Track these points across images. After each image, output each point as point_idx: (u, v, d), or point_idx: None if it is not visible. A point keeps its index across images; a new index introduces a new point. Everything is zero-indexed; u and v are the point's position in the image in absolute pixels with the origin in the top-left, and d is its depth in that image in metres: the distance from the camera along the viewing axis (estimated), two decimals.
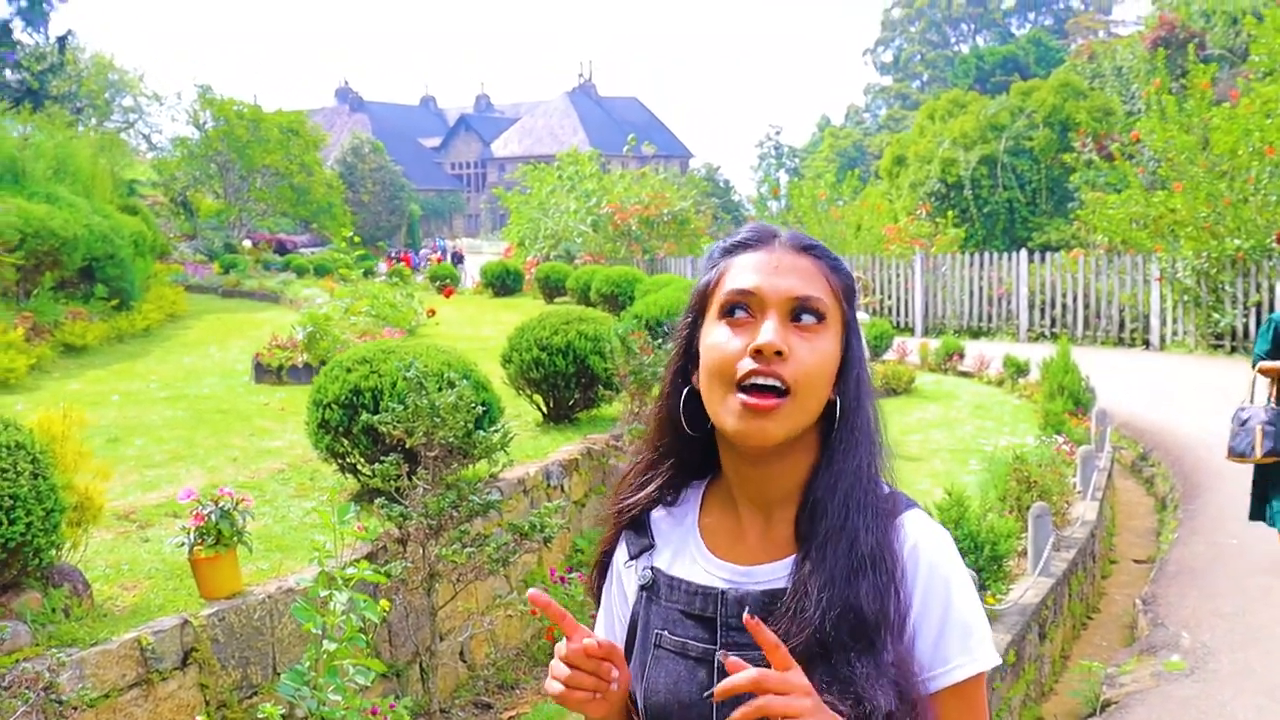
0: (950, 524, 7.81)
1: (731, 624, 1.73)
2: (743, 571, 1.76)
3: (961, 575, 1.74)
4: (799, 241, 1.78)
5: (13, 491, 4.93)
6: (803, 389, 1.67)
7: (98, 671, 4.98)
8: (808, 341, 1.69)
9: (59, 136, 21.88)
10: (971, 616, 1.71)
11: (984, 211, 34.80)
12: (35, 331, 15.62)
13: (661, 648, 1.79)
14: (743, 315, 1.71)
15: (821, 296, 1.72)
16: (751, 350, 1.66)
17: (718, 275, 1.77)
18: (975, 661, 1.69)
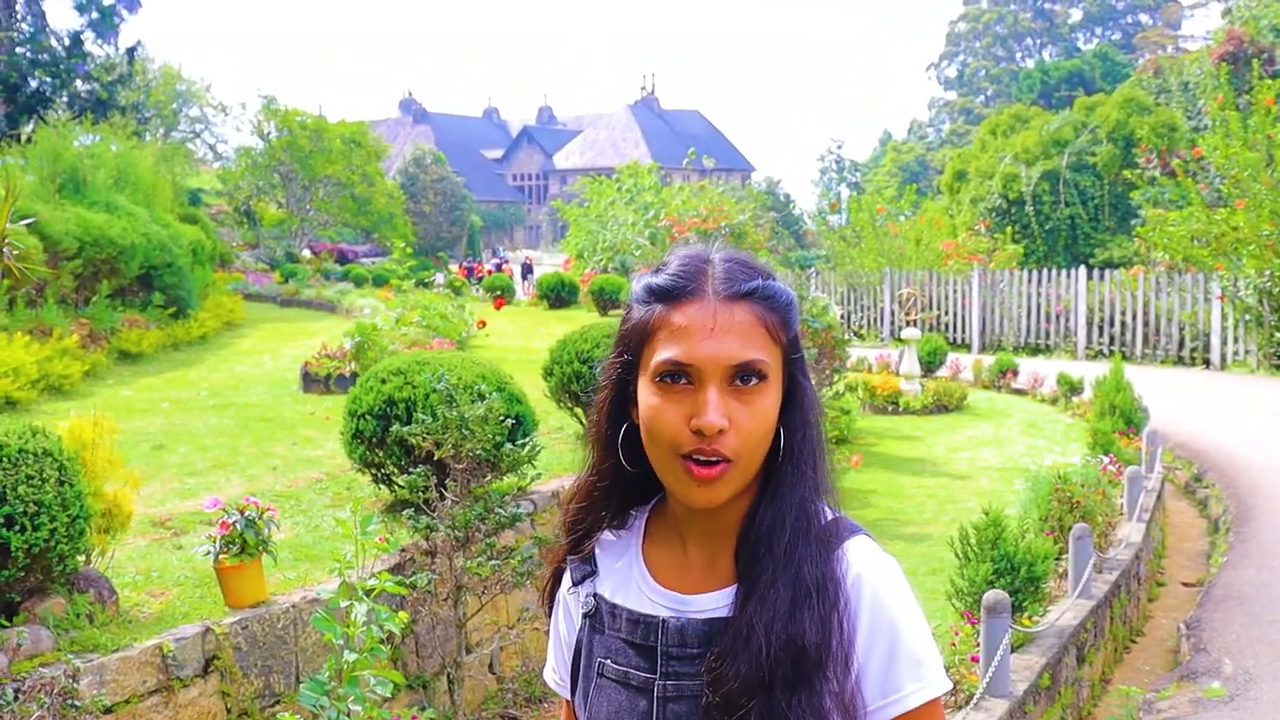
0: (986, 545, 7.73)
1: (672, 653, 1.70)
2: (684, 600, 1.73)
3: (908, 604, 1.70)
4: (734, 287, 1.65)
5: (38, 498, 4.98)
6: (745, 454, 1.63)
7: (118, 677, 5.01)
8: (749, 405, 1.62)
9: (122, 146, 22.16)
10: (920, 647, 1.67)
11: (1045, 228, 34.46)
12: (91, 338, 15.82)
13: (604, 676, 1.77)
14: (680, 383, 1.63)
15: (762, 356, 1.63)
16: (694, 428, 1.60)
17: (651, 325, 1.67)
18: (926, 689, 1.65)
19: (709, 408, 1.59)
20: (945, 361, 19.90)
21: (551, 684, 1.98)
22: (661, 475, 1.68)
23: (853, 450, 13.83)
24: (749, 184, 62.00)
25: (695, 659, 1.68)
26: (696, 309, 1.63)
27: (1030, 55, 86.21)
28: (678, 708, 1.69)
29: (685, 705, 1.68)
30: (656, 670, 1.71)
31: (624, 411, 1.75)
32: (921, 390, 17.48)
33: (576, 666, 1.84)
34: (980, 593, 7.21)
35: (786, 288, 1.70)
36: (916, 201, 35.75)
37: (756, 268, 1.70)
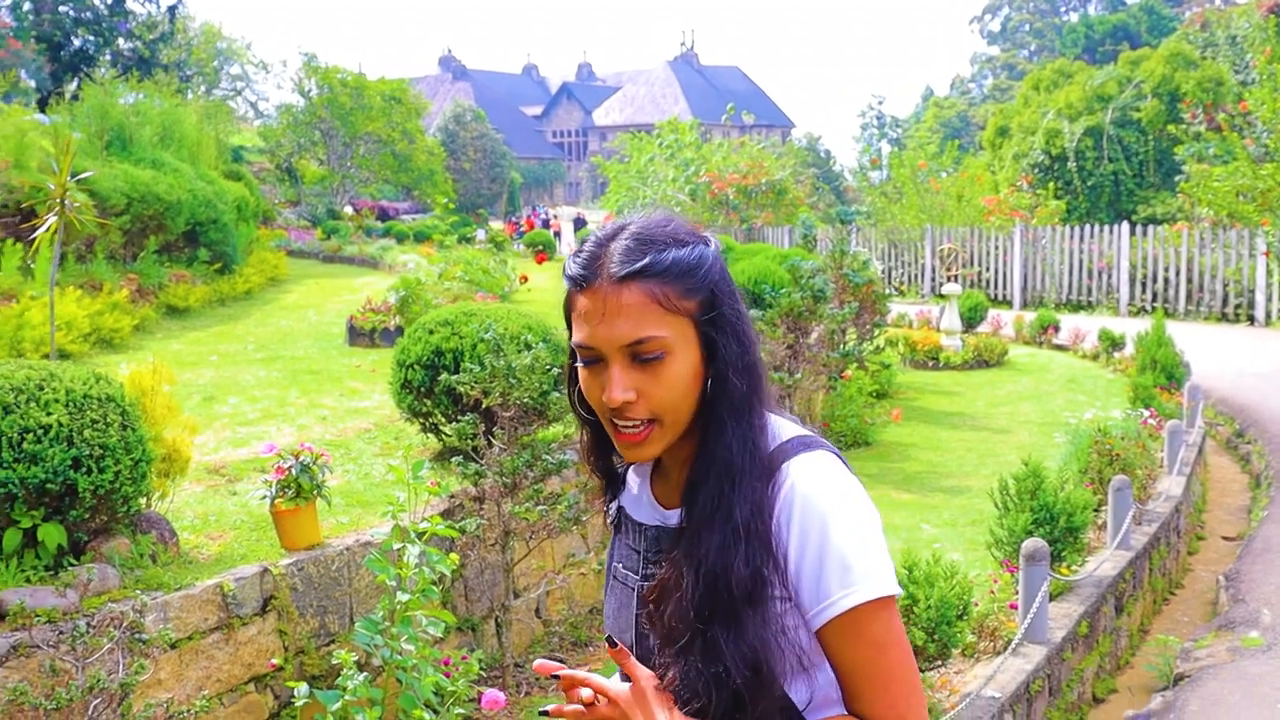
0: (1025, 495, 7.81)
1: (648, 557, 1.88)
2: (664, 513, 1.88)
3: (841, 510, 1.73)
4: (624, 268, 1.74)
5: (102, 441, 5.14)
6: (665, 415, 1.76)
7: (181, 615, 5.19)
8: (655, 376, 1.74)
9: (166, 104, 22.33)
10: (850, 550, 1.70)
11: (1088, 184, 34.20)
12: (140, 293, 16.04)
13: (614, 578, 1.97)
14: (594, 363, 1.77)
15: (655, 332, 1.73)
16: (604, 401, 1.75)
17: (567, 308, 1.83)
18: (853, 594, 1.68)
19: (611, 385, 1.74)
20: (986, 317, 19.89)
21: None
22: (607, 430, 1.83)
23: (893, 404, 13.90)
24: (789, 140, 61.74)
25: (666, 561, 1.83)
26: (591, 295, 1.75)
27: (1075, 9, 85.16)
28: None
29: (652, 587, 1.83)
30: (639, 571, 1.90)
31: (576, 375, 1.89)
32: (962, 346, 17.49)
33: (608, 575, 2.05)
34: (1019, 542, 7.30)
35: (688, 253, 1.76)
36: (958, 158, 35.54)
37: (656, 241, 1.76)
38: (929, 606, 5.99)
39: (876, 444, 12.58)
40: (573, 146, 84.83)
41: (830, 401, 12.55)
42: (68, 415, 5.10)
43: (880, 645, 1.71)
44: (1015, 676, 6.43)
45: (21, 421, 5.00)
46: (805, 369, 11.43)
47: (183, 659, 5.22)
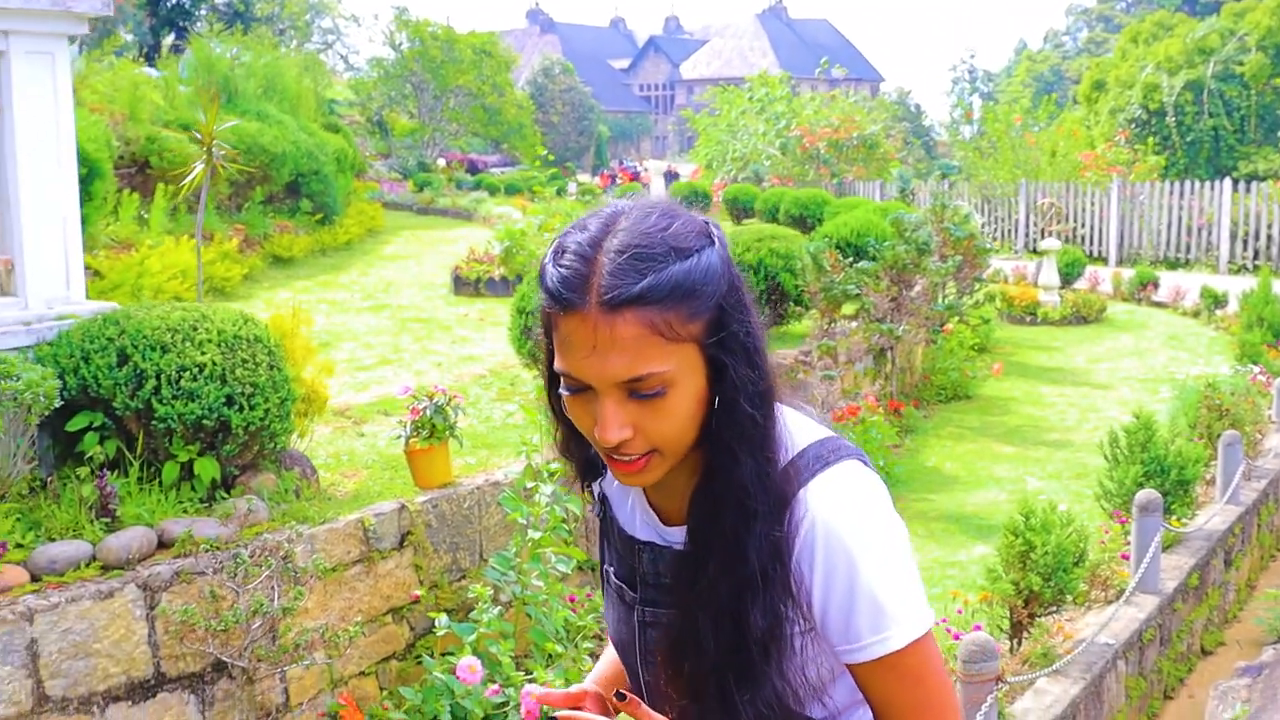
0: (1136, 448, 7.85)
1: (648, 580, 1.70)
2: (662, 530, 1.70)
3: (869, 543, 1.57)
4: (618, 294, 1.47)
5: (253, 380, 5.38)
6: (666, 446, 1.54)
7: (326, 547, 5.42)
8: (655, 411, 1.51)
9: (267, 57, 22.68)
10: (881, 590, 1.56)
11: (1187, 139, 33.60)
12: (247, 243, 16.39)
13: (608, 584, 1.80)
14: (582, 392, 1.53)
15: (653, 369, 1.49)
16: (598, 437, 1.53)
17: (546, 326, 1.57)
18: (888, 639, 1.56)
19: (604, 423, 1.51)
20: (1083, 274, 19.72)
21: None
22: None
23: (992, 359, 13.90)
24: (879, 95, 61.20)
25: (669, 589, 1.66)
26: (578, 323, 1.48)
27: None
28: (655, 633, 1.68)
29: (660, 632, 1.67)
30: (638, 592, 1.72)
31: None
32: (1060, 301, 17.39)
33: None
34: (1129, 494, 7.36)
35: (693, 266, 1.50)
36: (1054, 113, 35.06)
37: (654, 254, 1.49)
38: (1045, 553, 6.08)
39: (977, 397, 12.61)
40: (660, 100, 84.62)
41: (931, 355, 12.59)
42: (220, 355, 5.34)
43: (917, 678, 1.59)
44: (1129, 625, 6.52)
45: (179, 360, 5.24)
46: (908, 322, 11.48)
47: (327, 589, 5.46)
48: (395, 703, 5.43)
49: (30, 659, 4.47)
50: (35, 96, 5.41)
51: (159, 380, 5.19)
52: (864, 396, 10.42)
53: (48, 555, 4.73)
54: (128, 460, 5.30)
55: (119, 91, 16.10)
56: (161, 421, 5.17)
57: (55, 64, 5.46)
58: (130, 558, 4.85)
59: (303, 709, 5.37)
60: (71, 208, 5.65)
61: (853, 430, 9.50)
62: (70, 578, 4.70)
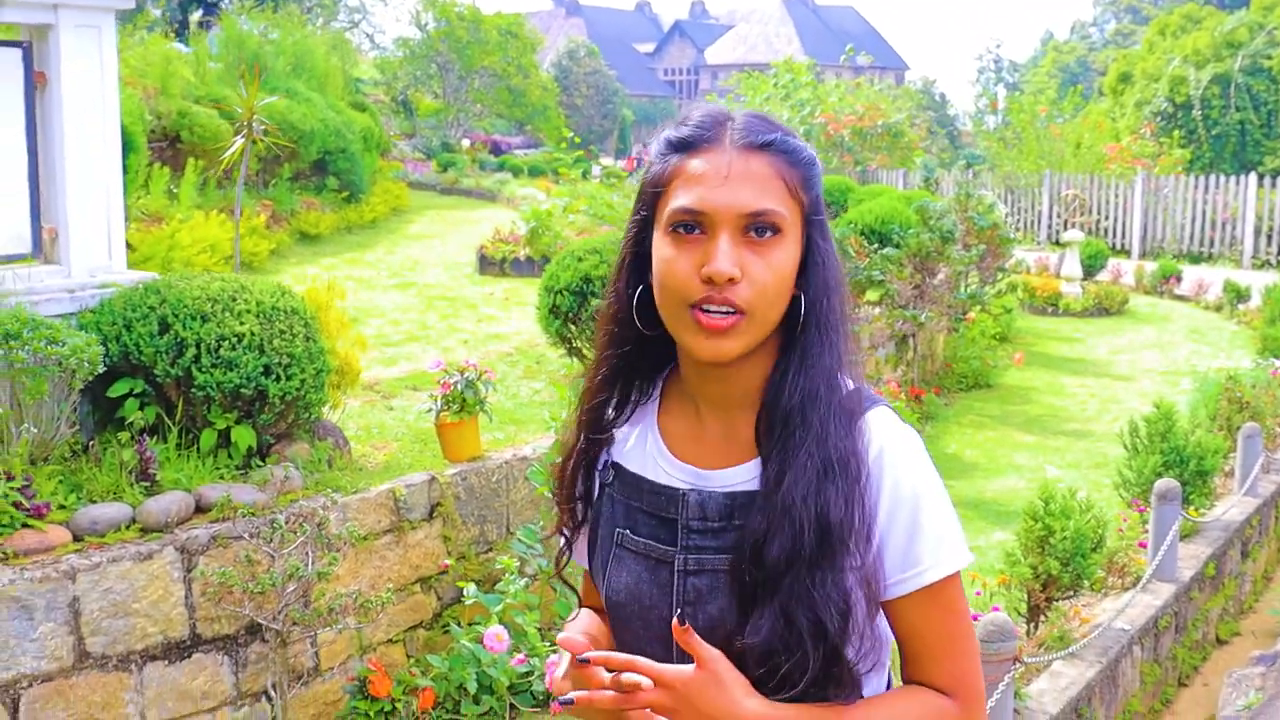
0: (1156, 437, 7.91)
1: (693, 526, 1.69)
2: (701, 474, 1.71)
3: (929, 479, 1.68)
4: (753, 137, 1.62)
5: (290, 350, 5.49)
6: (759, 308, 1.59)
7: (358, 516, 5.54)
8: (763, 258, 1.59)
9: (296, 34, 22.79)
10: (943, 525, 1.66)
11: (1213, 133, 33.47)
12: (274, 219, 16.52)
13: (624, 547, 1.75)
14: (693, 232, 1.60)
15: (776, 207, 1.60)
16: (704, 276, 1.57)
17: (667, 176, 1.65)
18: (943, 564, 1.64)
19: (719, 255, 1.56)
20: (1105, 266, 19.73)
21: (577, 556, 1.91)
22: (673, 330, 1.65)
23: (1014, 348, 13.95)
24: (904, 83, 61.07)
25: (716, 533, 1.67)
26: (712, 157, 1.61)
27: None
28: (698, 581, 1.67)
29: (705, 579, 1.66)
30: (676, 543, 1.69)
31: (641, 273, 1.72)
32: (1082, 293, 17.43)
33: (593, 538, 1.82)
34: (1148, 483, 7.43)
35: (808, 147, 1.67)
36: (1079, 105, 34.96)
37: (778, 124, 1.67)
38: (1064, 538, 6.16)
39: (998, 386, 12.68)
40: (684, 85, 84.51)
41: (953, 343, 12.66)
42: (259, 325, 5.45)
43: (954, 610, 1.67)
44: (1145, 611, 6.59)
45: (218, 329, 5.35)
46: (930, 309, 11.54)
47: (358, 557, 5.57)
48: (422, 670, 5.55)
49: (72, 616, 4.60)
50: (82, 70, 5.52)
51: (199, 349, 5.30)
52: (885, 382, 10.50)
53: (89, 516, 4.85)
54: (166, 426, 5.42)
55: (151, 66, 16.24)
56: (200, 389, 5.29)
57: (102, 38, 5.57)
58: (169, 521, 4.97)
59: (333, 673, 5.49)
60: (114, 179, 5.76)
61: None
62: (111, 539, 4.83)
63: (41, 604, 4.50)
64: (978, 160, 25.41)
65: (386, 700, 5.22)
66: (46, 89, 5.52)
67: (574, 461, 1.84)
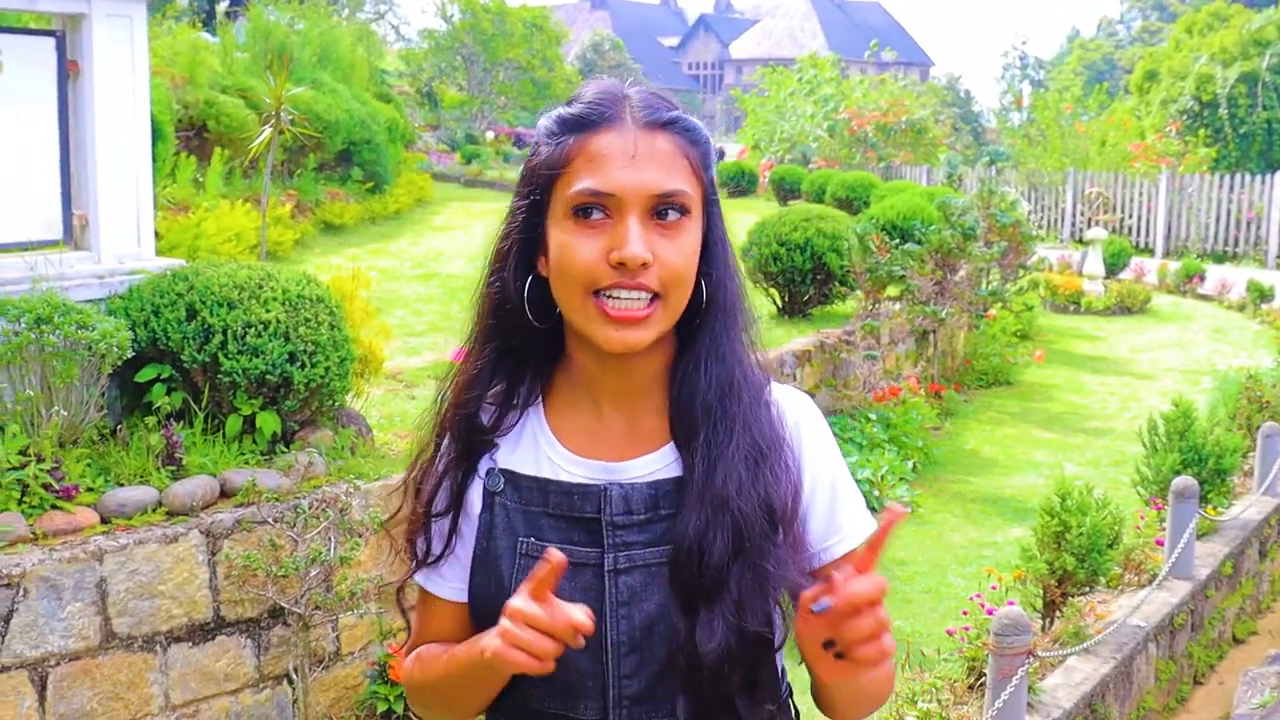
0: (1174, 435, 7.93)
1: (618, 522, 1.60)
2: (612, 468, 1.63)
3: (835, 446, 1.70)
4: (654, 115, 1.57)
5: (314, 338, 5.56)
6: (671, 292, 1.54)
7: (380, 502, 5.60)
8: (671, 240, 1.53)
9: (322, 25, 22.89)
10: (856, 492, 1.69)
11: (1239, 132, 33.32)
12: (299, 209, 16.63)
13: (531, 557, 1.60)
14: (597, 216, 1.52)
15: (684, 188, 1.54)
16: (614, 261, 1.50)
17: (564, 157, 1.55)
18: (862, 528, 1.65)
19: (630, 238, 1.49)
20: (1128, 264, 19.72)
21: (430, 584, 1.74)
22: (575, 321, 1.58)
23: (1034, 346, 13.97)
24: (929, 79, 60.94)
25: (642, 525, 1.59)
26: (615, 136, 1.54)
27: None
28: (630, 579, 1.58)
29: (638, 576, 1.58)
30: (601, 543, 1.60)
31: (530, 262, 1.64)
32: (1104, 291, 17.42)
33: (481, 554, 1.67)
34: (1166, 482, 7.45)
35: (703, 126, 1.63)
36: (1104, 102, 34.85)
37: (673, 102, 1.61)
38: (1081, 534, 6.19)
39: (1018, 384, 12.70)
40: (708, 79, 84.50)
41: (973, 340, 12.68)
42: (285, 313, 5.52)
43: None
44: (1160, 608, 6.62)
45: (245, 317, 5.43)
46: (951, 306, 11.57)
47: (380, 543, 5.63)
48: None
49: (99, 596, 4.68)
50: (114, 59, 5.60)
51: (225, 335, 5.38)
52: (905, 378, 10.54)
53: (117, 499, 4.93)
54: (193, 412, 5.50)
55: (178, 55, 16.35)
56: (227, 375, 5.36)
57: (134, 28, 5.64)
58: (194, 505, 5.05)
59: (353, 657, 5.56)
60: (144, 167, 5.84)
61: (893, 410, 9.61)
62: (138, 521, 4.91)
63: (70, 584, 4.58)
64: (1002, 157, 25.33)
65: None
66: (79, 78, 5.60)
67: (442, 472, 1.72)
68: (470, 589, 1.67)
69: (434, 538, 1.71)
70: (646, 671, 1.57)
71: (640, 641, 1.57)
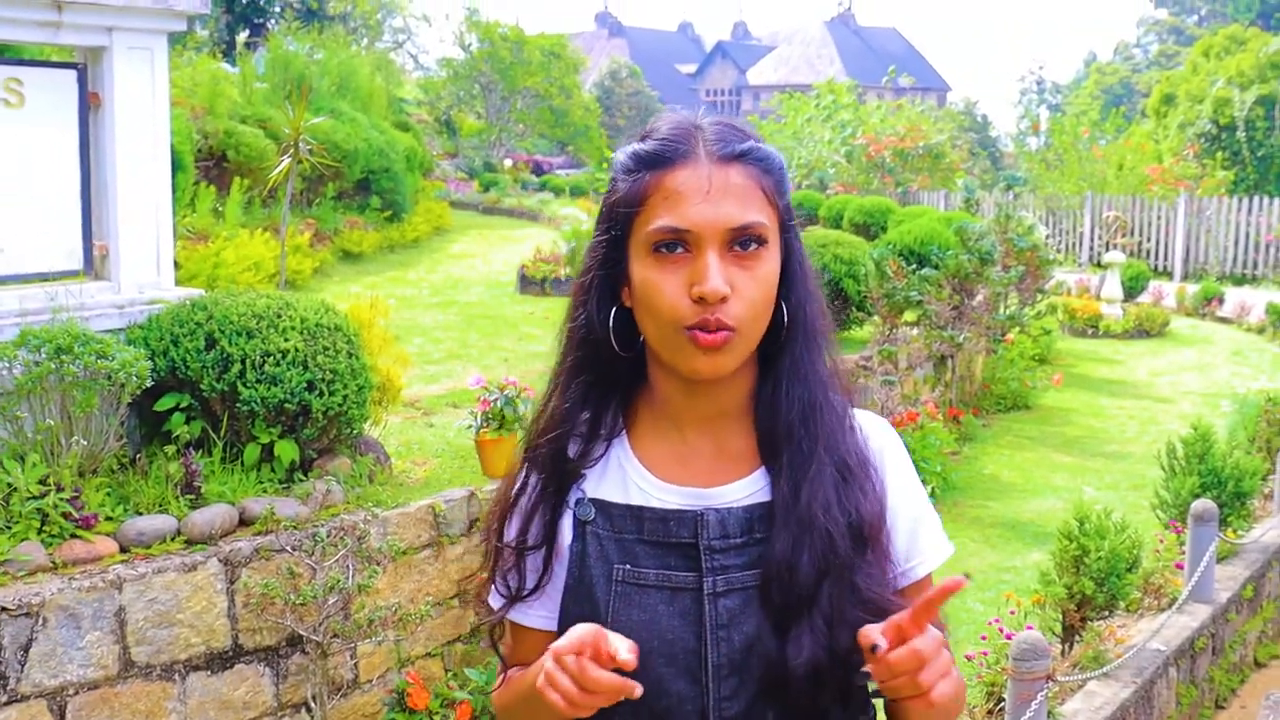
0: (1193, 459, 7.90)
1: (715, 547, 1.63)
2: (705, 494, 1.66)
3: (915, 470, 1.77)
4: (728, 148, 1.59)
5: (333, 367, 5.59)
6: (747, 324, 1.57)
7: (398, 530, 5.62)
8: (750, 272, 1.56)
9: (341, 55, 23.05)
10: (935, 516, 1.75)
11: (1258, 155, 33.25)
12: (318, 237, 16.72)
13: (628, 584, 1.63)
14: (677, 251, 1.56)
15: (761, 219, 1.57)
16: (694, 296, 1.54)
17: (640, 196, 1.59)
18: (941, 552, 1.72)
19: (709, 273, 1.53)
20: (1147, 288, 19.68)
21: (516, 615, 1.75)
22: (662, 351, 1.61)
23: (1053, 370, 13.94)
24: (946, 104, 61.01)
25: (739, 549, 1.62)
26: (690, 172, 1.56)
27: None
28: (728, 603, 1.61)
29: (736, 599, 1.61)
30: (700, 568, 1.62)
31: (613, 294, 1.67)
32: (1123, 315, 17.39)
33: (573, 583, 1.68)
34: (1185, 505, 7.42)
35: (777, 152, 1.65)
36: (1121, 126, 34.82)
37: (747, 132, 1.64)
38: (1099, 558, 6.17)
39: (1036, 408, 12.67)
40: (726, 106, 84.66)
41: (991, 364, 12.66)
42: (303, 342, 5.56)
43: None
44: (1180, 632, 6.59)
45: (263, 346, 5.46)
46: (969, 330, 11.56)
47: (398, 571, 5.66)
48: (460, 683, 5.62)
49: (118, 625, 4.70)
50: (135, 91, 5.65)
51: (244, 364, 5.41)
52: (923, 403, 10.52)
53: (136, 528, 4.96)
54: (211, 441, 5.53)
55: (198, 86, 16.49)
56: (245, 404, 5.39)
57: (154, 60, 5.70)
58: (213, 533, 5.07)
59: (371, 685, 5.57)
60: (164, 198, 5.89)
61: (911, 435, 9.60)
62: (156, 550, 4.93)
63: (89, 613, 4.61)
64: (1019, 182, 25.34)
65: (424, 713, 5.30)
66: (100, 109, 5.66)
67: (532, 507, 1.71)
68: (563, 618, 1.68)
69: (527, 572, 1.72)
70: (745, 693, 1.60)
71: (739, 663, 1.60)
